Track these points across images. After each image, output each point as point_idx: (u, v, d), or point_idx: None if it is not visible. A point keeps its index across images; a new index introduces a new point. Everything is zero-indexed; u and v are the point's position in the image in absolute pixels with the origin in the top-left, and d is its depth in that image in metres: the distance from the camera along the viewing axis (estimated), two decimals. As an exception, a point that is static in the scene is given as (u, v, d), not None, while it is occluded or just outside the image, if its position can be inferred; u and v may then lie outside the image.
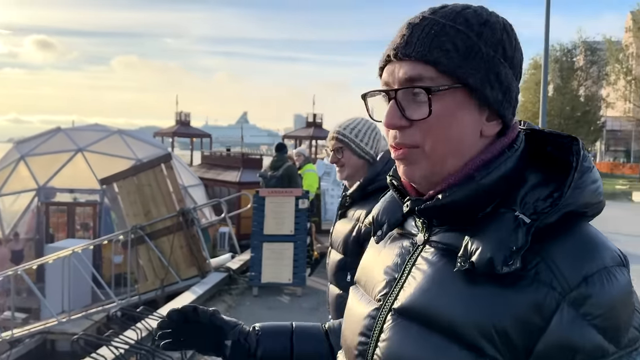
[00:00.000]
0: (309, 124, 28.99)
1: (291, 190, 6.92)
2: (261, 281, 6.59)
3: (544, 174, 0.84)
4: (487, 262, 0.76)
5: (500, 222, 0.80)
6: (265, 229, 6.73)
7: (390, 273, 0.93)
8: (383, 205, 1.07)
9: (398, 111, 0.84)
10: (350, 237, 2.05)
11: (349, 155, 2.13)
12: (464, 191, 0.83)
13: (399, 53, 0.84)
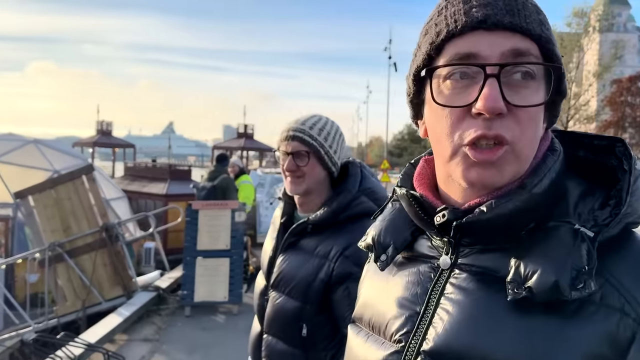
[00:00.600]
0: (239, 134, 28.64)
1: (226, 202, 6.59)
2: (194, 300, 6.18)
3: (585, 181, 0.74)
4: (552, 287, 0.63)
5: (556, 238, 0.67)
6: (199, 244, 6.34)
7: (408, 306, 0.78)
8: (383, 224, 0.89)
9: (500, 93, 0.67)
10: (316, 279, 1.57)
11: (314, 163, 1.63)
12: (515, 202, 0.69)
13: (504, 20, 0.68)
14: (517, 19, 0.68)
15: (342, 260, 1.54)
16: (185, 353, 4.98)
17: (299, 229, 1.65)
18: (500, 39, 0.68)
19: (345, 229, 1.59)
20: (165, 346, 5.14)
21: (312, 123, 1.67)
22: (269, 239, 1.82)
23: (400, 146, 45.62)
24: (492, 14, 0.68)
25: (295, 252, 1.66)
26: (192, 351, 5.03)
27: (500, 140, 0.68)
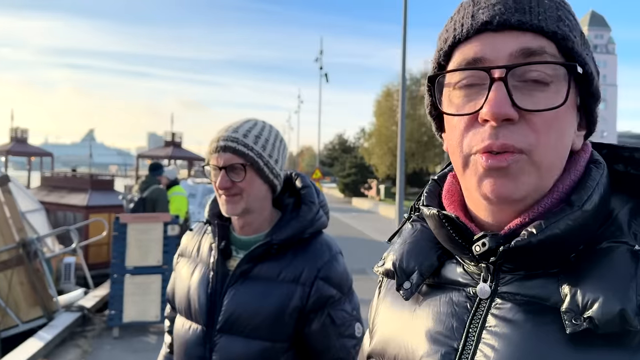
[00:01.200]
0: (167, 143, 27.77)
1: (158, 215, 6.25)
2: (123, 320, 5.79)
3: (629, 196, 0.68)
4: (617, 316, 0.56)
5: (613, 261, 0.60)
6: (128, 260, 5.95)
7: (444, 342, 0.69)
8: (405, 247, 0.79)
9: (508, 97, 0.61)
10: (287, 310, 1.34)
11: (253, 177, 1.38)
12: (567, 221, 0.62)
13: (512, 19, 0.62)
14: (528, 16, 0.63)
15: (318, 282, 1.37)
16: (114, 379, 4.62)
17: (257, 252, 1.38)
18: (507, 40, 0.63)
19: (312, 246, 1.42)
20: (92, 372, 4.76)
21: (246, 130, 1.41)
22: (186, 272, 1.50)
23: (331, 156, 45.96)
24: (498, 14, 0.64)
25: (251, 282, 1.39)
26: (122, 377, 4.68)
27: (510, 150, 0.62)
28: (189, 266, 1.52)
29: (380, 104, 34.58)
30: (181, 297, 1.48)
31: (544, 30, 0.63)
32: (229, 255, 1.45)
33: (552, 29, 0.63)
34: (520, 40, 0.63)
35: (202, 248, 1.51)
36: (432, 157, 33.88)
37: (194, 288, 1.44)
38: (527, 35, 0.63)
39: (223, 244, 1.44)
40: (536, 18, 0.63)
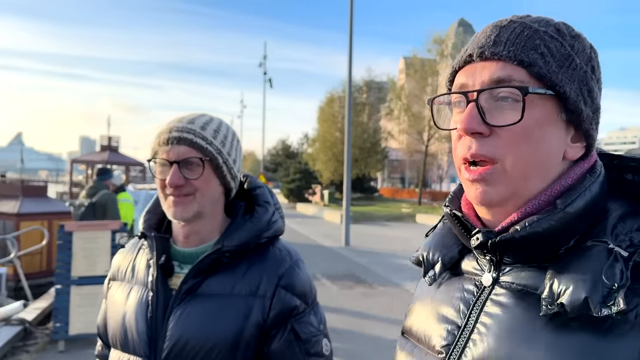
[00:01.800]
0: (103, 147, 26.78)
1: (106, 223, 6.02)
2: (69, 333, 5.54)
3: (629, 202, 0.77)
4: (582, 303, 0.67)
5: (591, 257, 0.70)
6: (74, 271, 5.70)
7: (451, 320, 0.83)
8: (433, 240, 0.94)
9: (478, 115, 0.75)
10: (245, 328, 1.18)
11: (210, 176, 1.22)
12: (548, 221, 0.73)
13: (486, 52, 0.76)
14: (500, 48, 0.75)
15: (280, 292, 1.22)
16: (62, 395, 4.41)
17: (206, 264, 1.20)
18: (483, 69, 0.76)
19: (270, 253, 1.27)
20: (38, 389, 4.52)
21: (203, 122, 1.24)
22: (119, 298, 1.30)
23: (275, 161, 45.73)
24: (477, 48, 0.77)
25: (199, 300, 1.19)
26: (71, 392, 4.47)
27: (484, 159, 0.75)
28: (122, 290, 1.31)
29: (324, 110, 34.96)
30: (115, 328, 1.27)
31: (512, 59, 0.74)
32: (171, 272, 1.26)
33: (520, 58, 0.74)
34: (492, 70, 0.75)
35: (138, 267, 1.32)
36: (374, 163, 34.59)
37: (130, 314, 1.24)
38: (498, 64, 0.75)
39: (163, 258, 1.24)
40: (506, 50, 0.74)
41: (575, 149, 0.78)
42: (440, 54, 37.67)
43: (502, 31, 0.77)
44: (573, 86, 0.75)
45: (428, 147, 37.48)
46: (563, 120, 0.76)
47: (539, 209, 0.75)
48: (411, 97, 38.17)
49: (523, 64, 0.74)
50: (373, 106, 39.23)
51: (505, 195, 0.76)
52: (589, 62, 0.78)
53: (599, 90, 0.80)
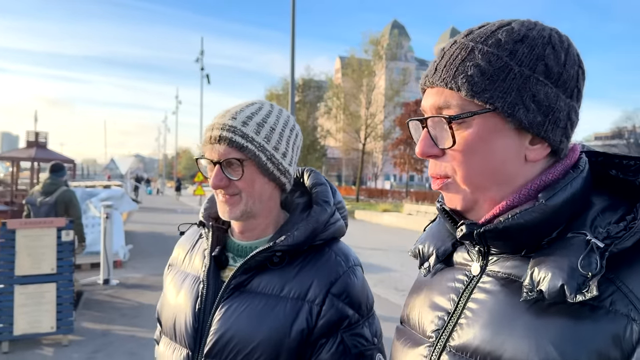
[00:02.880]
0: (29, 143, 25.42)
1: (51, 220, 5.86)
2: (13, 334, 5.37)
3: (611, 197, 0.81)
4: (559, 290, 0.71)
5: (570, 247, 0.74)
6: (18, 269, 5.52)
7: (442, 308, 0.88)
8: (429, 234, 1.00)
9: (430, 140, 0.82)
10: (291, 333, 1.11)
11: (254, 174, 1.16)
12: (530, 213, 0.77)
13: (429, 80, 0.82)
14: (437, 76, 0.81)
15: (331, 300, 1.14)
16: (12, 395, 4.31)
17: (256, 261, 1.16)
18: (427, 97, 0.83)
19: (325, 256, 1.20)
20: (-15, 391, 4.39)
21: (247, 116, 1.17)
22: (174, 285, 1.30)
23: (212, 159, 44.77)
24: (424, 77, 0.84)
25: (247, 297, 1.16)
26: (22, 392, 4.38)
27: (437, 177, 0.83)
28: (177, 278, 1.30)
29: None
30: (167, 316, 1.27)
31: (446, 86, 0.79)
32: (225, 264, 1.23)
33: (450, 85, 0.78)
34: (433, 97, 0.81)
35: (194, 256, 1.30)
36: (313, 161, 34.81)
37: (181, 303, 1.23)
38: (438, 92, 0.81)
39: (217, 250, 1.23)
40: (440, 78, 0.80)
41: (536, 151, 0.80)
42: (376, 54, 38.46)
43: (444, 56, 0.81)
44: (509, 98, 0.76)
45: (365, 145, 38.18)
46: (512, 128, 0.78)
47: (520, 202, 0.79)
48: (348, 96, 38.76)
49: (454, 89, 0.78)
50: (312, 105, 39.43)
51: (466, 203, 0.83)
52: (539, 61, 0.77)
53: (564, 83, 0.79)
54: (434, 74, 0.81)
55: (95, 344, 5.61)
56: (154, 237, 15.23)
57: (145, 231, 16.42)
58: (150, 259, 11.07)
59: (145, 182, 49.86)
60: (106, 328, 6.19)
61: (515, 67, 0.77)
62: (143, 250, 12.24)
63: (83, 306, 7.11)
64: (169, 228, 17.88)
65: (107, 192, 11.55)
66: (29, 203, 6.59)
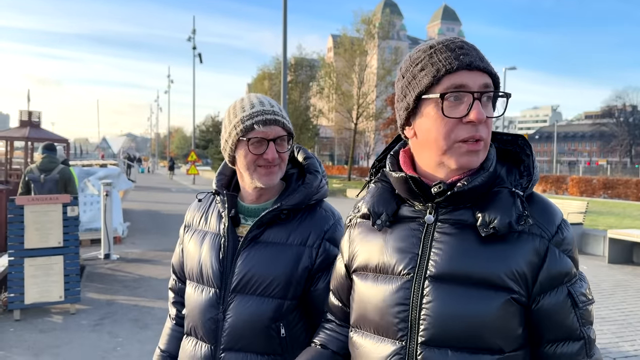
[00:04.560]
0: (23, 123, 25.36)
1: (57, 196, 6.18)
2: (24, 302, 5.73)
3: (501, 162, 1.15)
4: (507, 225, 1.03)
5: (502, 198, 1.06)
6: (27, 243, 5.86)
7: (409, 250, 1.11)
8: (373, 198, 1.21)
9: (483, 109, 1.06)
10: (297, 270, 1.45)
11: (285, 148, 1.51)
12: (482, 177, 1.08)
13: (480, 65, 1.06)
14: (485, 64, 1.08)
15: (325, 244, 1.49)
16: (29, 356, 4.68)
17: (267, 218, 1.48)
18: (478, 76, 1.06)
19: (318, 212, 1.53)
20: (3, 352, 4.75)
21: (275, 104, 1.52)
22: (195, 242, 1.60)
23: (205, 138, 44.58)
24: (473, 61, 1.06)
25: (261, 246, 1.48)
26: (38, 353, 4.75)
27: (481, 139, 1.06)
28: (197, 235, 1.60)
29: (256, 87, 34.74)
30: (192, 265, 1.57)
31: (491, 73, 1.08)
32: (238, 223, 1.53)
33: (493, 72, 1.08)
34: (483, 77, 1.06)
35: (210, 217, 1.60)
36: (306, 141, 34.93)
37: (205, 254, 1.53)
38: (484, 75, 1.07)
39: (233, 212, 1.53)
40: (488, 66, 1.08)
41: None
42: (368, 33, 38.36)
43: (477, 51, 1.08)
44: None
45: (357, 125, 38.36)
46: None
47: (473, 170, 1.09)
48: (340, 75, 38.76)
49: (493, 77, 1.08)
50: (304, 84, 39.47)
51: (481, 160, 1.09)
52: None
53: None
54: (480, 61, 1.06)
55: (100, 313, 5.99)
56: (150, 215, 15.55)
57: (141, 209, 16.73)
58: (148, 236, 11.43)
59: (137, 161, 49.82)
60: (110, 298, 6.58)
61: None
62: (140, 227, 12.59)
63: (86, 279, 7.47)
64: (165, 206, 18.19)
65: (104, 171, 11.84)
66: (32, 180, 6.89)
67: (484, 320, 1.02)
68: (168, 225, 13.40)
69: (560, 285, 1.05)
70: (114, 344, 5.04)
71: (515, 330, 1.05)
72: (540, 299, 1.05)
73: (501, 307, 1.03)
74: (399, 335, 1.09)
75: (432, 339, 1.05)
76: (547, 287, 1.05)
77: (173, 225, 13.33)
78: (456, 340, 1.04)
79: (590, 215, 12.79)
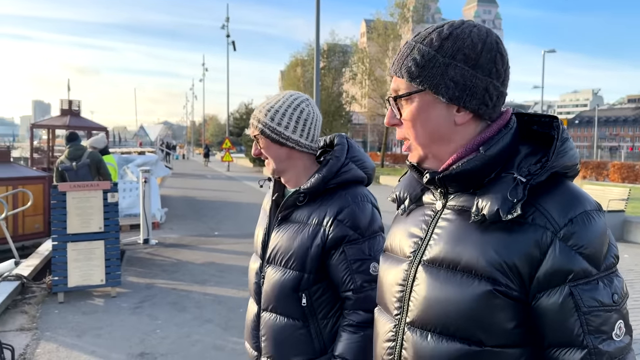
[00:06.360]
0: (63, 111, 26.13)
1: (97, 183, 6.36)
2: (68, 286, 5.95)
3: (532, 146, 1.08)
4: (495, 212, 0.98)
5: (502, 183, 1.01)
6: (69, 228, 6.06)
7: (416, 234, 1.14)
8: (403, 184, 1.27)
9: (392, 113, 1.12)
10: (312, 247, 1.61)
11: (268, 144, 1.69)
12: (473, 162, 1.04)
13: (390, 71, 1.13)
14: (393, 67, 1.11)
15: (336, 224, 1.60)
16: (73, 337, 4.86)
17: (291, 200, 1.67)
18: (394, 81, 1.12)
19: (337, 195, 1.65)
20: (49, 333, 4.95)
21: (263, 105, 1.71)
22: (259, 222, 1.86)
23: (239, 125, 45.11)
24: (392, 67, 1.12)
25: (289, 224, 1.68)
26: (80, 334, 4.93)
27: (402, 139, 1.13)
28: (262, 214, 1.87)
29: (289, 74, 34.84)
30: (254, 241, 1.86)
31: (396, 75, 1.10)
32: None
33: (399, 75, 1.09)
34: (396, 82, 1.11)
35: (267, 200, 1.86)
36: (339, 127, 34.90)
37: (258, 230, 1.83)
38: (395, 79, 1.11)
39: (276, 195, 1.77)
40: (394, 69, 1.10)
41: (461, 116, 1.06)
42: (403, 17, 37.86)
43: (398, 53, 1.11)
44: (434, 81, 1.04)
45: (388, 112, 37.95)
46: (443, 102, 1.05)
47: (467, 154, 1.06)
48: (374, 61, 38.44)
49: (402, 77, 1.08)
50: (337, 70, 39.34)
51: (419, 157, 1.12)
52: (459, 52, 1.03)
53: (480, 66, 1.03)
54: (392, 66, 1.11)
55: (140, 296, 6.16)
56: (187, 201, 15.85)
57: (178, 195, 17.07)
58: (185, 221, 11.67)
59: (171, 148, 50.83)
60: (149, 282, 6.76)
61: (440, 58, 1.04)
62: (178, 213, 12.85)
63: (126, 263, 7.69)
64: (200, 192, 18.51)
65: (142, 158, 12.10)
66: (65, 170, 7.13)
67: (462, 308, 1.00)
68: (203, 211, 13.65)
69: (562, 284, 0.95)
70: (154, 326, 5.18)
71: (500, 324, 0.99)
72: (540, 296, 0.97)
73: (481, 297, 0.99)
74: (394, 314, 1.14)
75: (415, 320, 1.08)
76: (545, 284, 0.96)
77: (208, 212, 13.58)
78: (435, 325, 1.04)
79: (632, 202, 12.36)
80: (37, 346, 4.66)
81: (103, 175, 7.27)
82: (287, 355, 1.67)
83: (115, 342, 4.78)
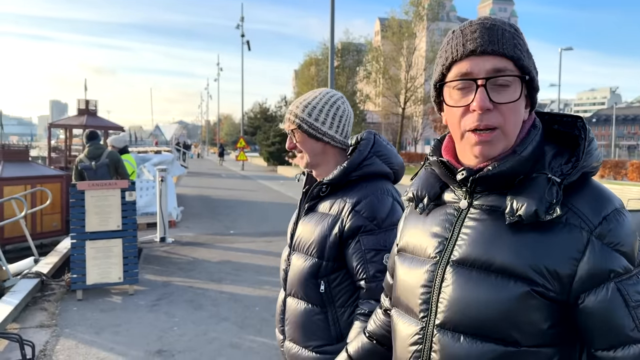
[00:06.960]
0: (80, 111, 26.43)
1: (115, 182, 6.42)
2: (86, 283, 6.02)
3: (557, 146, 1.08)
4: (533, 213, 0.96)
5: (537, 184, 1.00)
6: (88, 226, 6.13)
7: (441, 234, 1.11)
8: (419, 182, 1.23)
9: (487, 96, 1.01)
10: (330, 235, 1.67)
11: (304, 138, 1.75)
12: (511, 162, 1.02)
13: (488, 49, 1.01)
14: (497, 46, 1.01)
15: (354, 214, 1.65)
16: (91, 334, 4.92)
17: (315, 191, 1.76)
18: (485, 61, 1.01)
19: (358, 187, 1.69)
20: (68, 330, 5.01)
21: (300, 100, 1.77)
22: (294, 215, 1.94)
23: (253, 125, 45.19)
24: (479, 45, 1.01)
25: (314, 214, 1.77)
26: (99, 331, 4.98)
27: (491, 127, 1.01)
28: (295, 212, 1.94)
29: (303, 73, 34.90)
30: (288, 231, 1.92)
31: (506, 55, 1.00)
32: None
33: (510, 54, 1.00)
34: (493, 62, 1.00)
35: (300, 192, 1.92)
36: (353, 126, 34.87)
37: (291, 220, 1.91)
38: (496, 58, 1.00)
39: (306, 188, 1.84)
40: (502, 47, 1.00)
41: (527, 113, 1.07)
42: (417, 15, 37.67)
43: (492, 32, 1.01)
44: (534, 70, 1.04)
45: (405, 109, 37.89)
46: (525, 95, 1.04)
47: (505, 155, 1.03)
48: (388, 59, 38.31)
49: (513, 58, 1.01)
50: (351, 69, 39.25)
51: (501, 150, 1.03)
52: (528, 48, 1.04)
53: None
54: (491, 44, 1.00)
55: (157, 293, 6.21)
56: (202, 200, 15.95)
57: (193, 194, 17.18)
58: (201, 220, 11.74)
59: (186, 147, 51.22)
60: (166, 280, 6.81)
61: (529, 50, 1.05)
62: (193, 211, 12.94)
63: (143, 261, 7.76)
64: (215, 191, 18.60)
65: (158, 157, 12.20)
66: (85, 169, 7.21)
67: (498, 308, 0.99)
68: (219, 209, 13.73)
69: (606, 281, 0.96)
70: (171, 323, 5.22)
71: (536, 325, 0.98)
72: (585, 296, 0.97)
73: (518, 298, 0.98)
74: (421, 316, 1.10)
75: (446, 322, 1.05)
76: (589, 283, 0.96)
77: (224, 210, 13.65)
78: (469, 326, 1.02)
79: (652, 201, 12.19)
80: (57, 343, 4.72)
81: (121, 175, 7.36)
82: (305, 340, 1.74)
83: (133, 339, 4.83)
